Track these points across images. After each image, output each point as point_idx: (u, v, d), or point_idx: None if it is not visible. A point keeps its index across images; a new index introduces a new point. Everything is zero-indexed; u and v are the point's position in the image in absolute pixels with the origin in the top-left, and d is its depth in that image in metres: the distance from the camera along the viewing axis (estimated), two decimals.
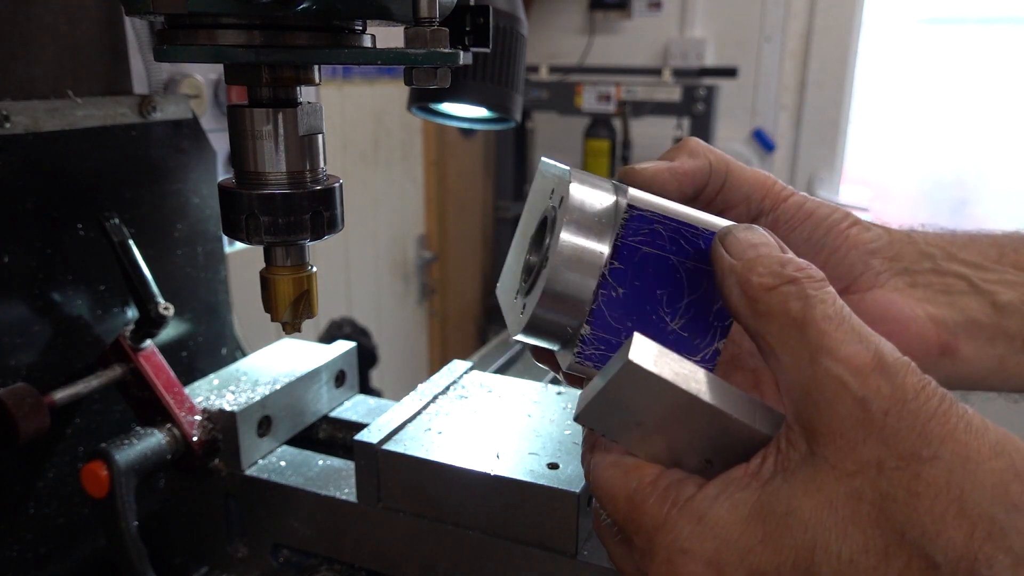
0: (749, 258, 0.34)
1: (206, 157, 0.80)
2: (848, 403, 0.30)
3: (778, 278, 0.33)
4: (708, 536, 0.32)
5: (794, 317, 0.32)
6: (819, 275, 0.33)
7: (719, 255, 0.36)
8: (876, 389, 0.30)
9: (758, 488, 0.32)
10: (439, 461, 0.57)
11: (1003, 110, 2.57)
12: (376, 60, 0.51)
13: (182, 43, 0.48)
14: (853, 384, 0.30)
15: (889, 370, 0.30)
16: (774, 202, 0.45)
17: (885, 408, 0.29)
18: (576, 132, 2.84)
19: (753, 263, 0.34)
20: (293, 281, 0.58)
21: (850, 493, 0.30)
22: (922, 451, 0.29)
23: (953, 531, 0.28)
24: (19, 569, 0.66)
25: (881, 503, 0.29)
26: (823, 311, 0.32)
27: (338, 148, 2.25)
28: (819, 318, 0.31)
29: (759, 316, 0.33)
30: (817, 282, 0.33)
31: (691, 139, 0.46)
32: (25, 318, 0.64)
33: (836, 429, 0.30)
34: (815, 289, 0.32)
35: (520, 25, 0.71)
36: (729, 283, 0.35)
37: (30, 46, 0.65)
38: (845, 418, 0.30)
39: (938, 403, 0.30)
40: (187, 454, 0.65)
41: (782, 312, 0.32)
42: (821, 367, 0.31)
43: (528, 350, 0.46)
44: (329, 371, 0.75)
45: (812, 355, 0.31)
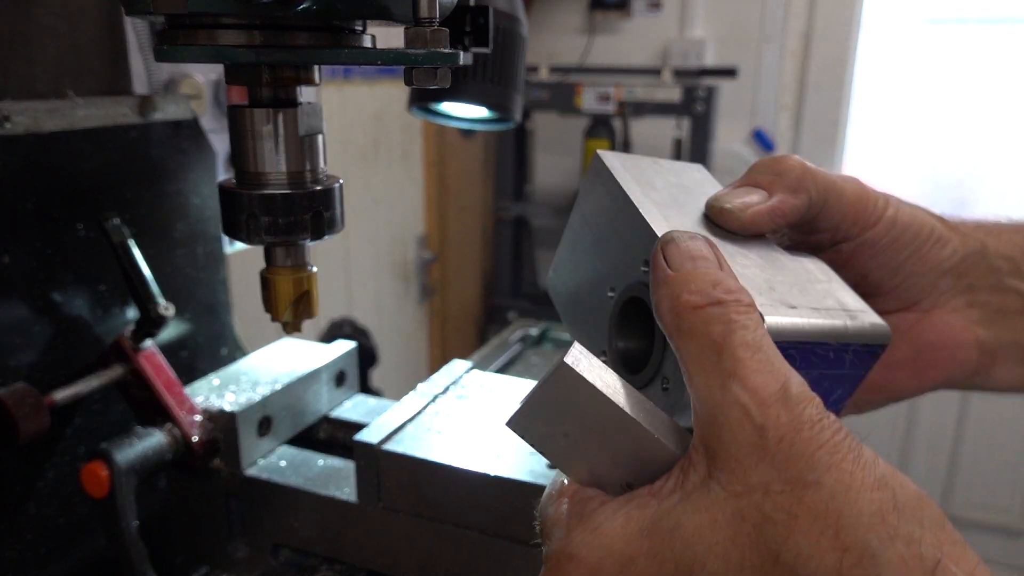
0: (685, 271, 0.35)
1: (206, 157, 0.80)
2: (747, 429, 0.31)
3: (706, 298, 0.33)
4: (595, 545, 0.33)
5: (714, 340, 0.33)
6: (747, 300, 0.34)
7: (658, 262, 0.36)
8: (775, 418, 0.30)
9: (655, 505, 0.33)
10: (439, 461, 0.57)
11: (1004, 110, 2.57)
12: (376, 60, 0.51)
13: (182, 43, 0.48)
14: (755, 412, 0.31)
15: (791, 401, 0.31)
16: (862, 229, 0.45)
17: (780, 435, 0.30)
18: (576, 132, 2.83)
19: (687, 279, 0.34)
20: (293, 281, 0.58)
21: (735, 513, 0.30)
22: (807, 476, 0.29)
23: (826, 555, 0.29)
24: (19, 569, 0.66)
25: (761, 524, 0.30)
26: (742, 338, 0.32)
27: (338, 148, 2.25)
28: (737, 345, 0.32)
29: (682, 333, 0.34)
30: (744, 307, 0.33)
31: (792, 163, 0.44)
32: (25, 318, 0.64)
33: (733, 453, 0.31)
34: (739, 314, 0.33)
35: (520, 25, 0.71)
36: (661, 293, 0.35)
37: (30, 46, 0.65)
38: (743, 444, 0.31)
39: (831, 435, 0.30)
40: (187, 454, 0.65)
41: (703, 334, 0.33)
42: (729, 393, 0.31)
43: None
44: (329, 371, 0.75)
45: (723, 380, 0.32)
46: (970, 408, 2.60)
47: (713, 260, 0.36)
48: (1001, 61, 2.57)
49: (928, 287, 0.46)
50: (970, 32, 2.62)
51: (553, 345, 1.15)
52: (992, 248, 0.47)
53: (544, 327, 1.17)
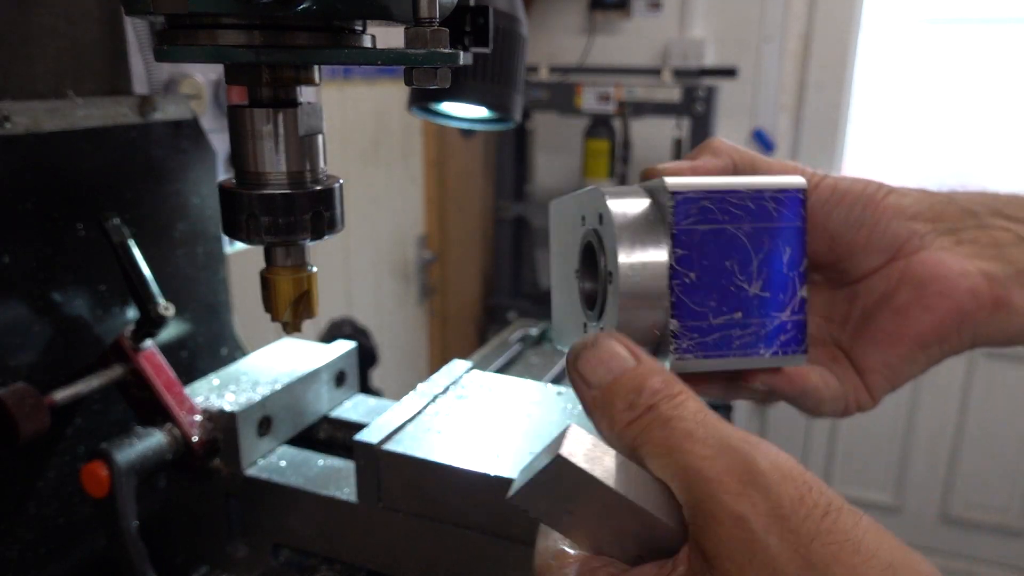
0: (606, 388, 0.34)
1: (206, 157, 0.80)
2: (728, 523, 0.29)
3: (637, 409, 0.33)
4: None
5: (660, 445, 0.32)
6: (676, 390, 0.33)
7: (579, 387, 0.35)
8: (752, 505, 0.29)
9: None
10: (439, 461, 0.57)
11: (1004, 110, 2.57)
12: (376, 60, 0.51)
13: (182, 43, 0.48)
14: (728, 503, 0.29)
15: (761, 481, 0.29)
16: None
17: (765, 526, 0.29)
18: (576, 132, 2.83)
19: (611, 396, 0.34)
20: (293, 281, 0.58)
21: None
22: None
23: None
24: (19, 569, 0.66)
25: None
26: (684, 429, 0.31)
27: (338, 148, 2.25)
28: (681, 438, 0.31)
29: (633, 450, 0.33)
30: (675, 398, 0.33)
31: (715, 139, 0.47)
32: (25, 318, 0.64)
33: (723, 552, 0.30)
34: (673, 408, 0.32)
35: (520, 25, 0.71)
36: (596, 418, 0.35)
37: (30, 46, 0.65)
38: (728, 539, 0.29)
39: (820, 518, 0.29)
40: (187, 454, 0.65)
41: (649, 443, 0.32)
42: (697, 490, 0.30)
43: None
44: (329, 371, 0.75)
45: (687, 479, 0.31)
46: (970, 408, 2.60)
47: (626, 355, 0.35)
48: (1001, 61, 2.57)
49: (903, 231, 0.45)
50: (970, 32, 2.62)
51: (553, 345, 1.15)
52: (961, 198, 0.46)
53: (544, 327, 1.17)
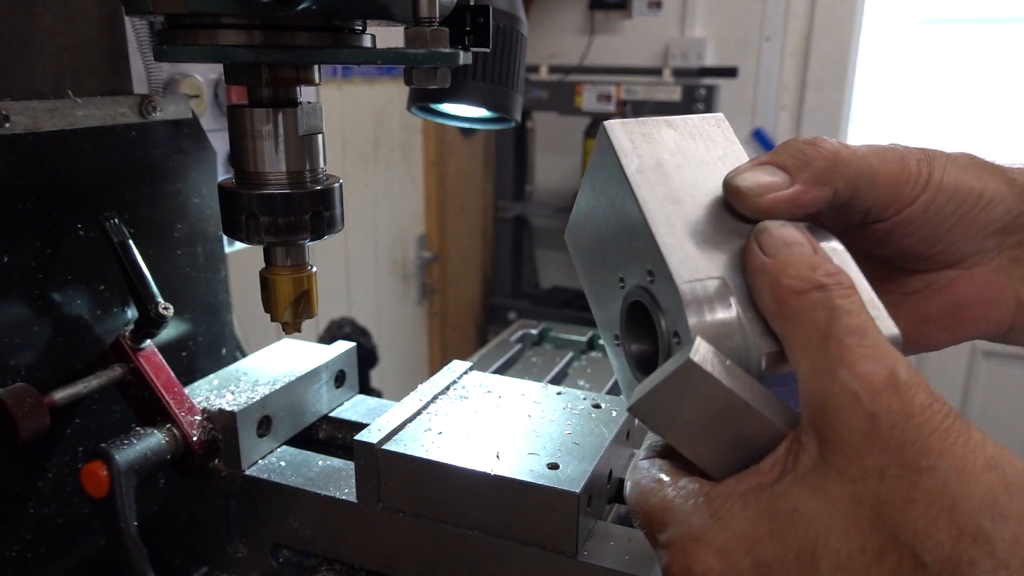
0: (782, 257, 0.35)
1: (206, 157, 0.80)
2: (859, 416, 0.32)
3: (807, 283, 0.34)
4: (719, 528, 0.35)
5: (819, 327, 0.33)
6: (848, 282, 0.34)
7: (752, 251, 0.37)
8: (886, 405, 0.31)
9: (768, 487, 0.34)
10: (439, 461, 0.57)
11: (1004, 110, 2.57)
12: (376, 60, 0.51)
13: (182, 43, 0.48)
14: (866, 399, 0.31)
15: (901, 388, 0.32)
16: (897, 210, 0.43)
17: (892, 422, 0.31)
18: (576, 132, 2.84)
19: (785, 264, 0.35)
20: (293, 281, 0.58)
21: (852, 496, 0.32)
22: (921, 461, 0.31)
23: (942, 535, 0.30)
24: (19, 569, 0.66)
25: (879, 507, 0.31)
26: (847, 324, 0.33)
27: (338, 148, 2.25)
28: (842, 331, 0.33)
29: (786, 319, 0.34)
30: (845, 290, 0.34)
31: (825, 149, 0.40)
32: (25, 318, 0.64)
33: (846, 439, 0.32)
34: (842, 298, 0.33)
35: (520, 25, 0.71)
36: (760, 281, 0.36)
37: (30, 46, 0.65)
38: (855, 430, 0.32)
39: (941, 420, 0.31)
40: (187, 454, 0.65)
41: (808, 320, 0.34)
42: (838, 380, 0.32)
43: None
44: (329, 371, 0.75)
45: (831, 367, 0.32)
46: (970, 409, 2.60)
47: (807, 245, 0.36)
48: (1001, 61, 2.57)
49: (973, 249, 0.45)
50: (970, 32, 2.62)
51: (553, 345, 1.15)
52: None
53: (544, 327, 1.16)
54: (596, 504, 0.58)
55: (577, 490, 0.53)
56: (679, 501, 0.36)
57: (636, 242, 0.41)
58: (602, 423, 0.63)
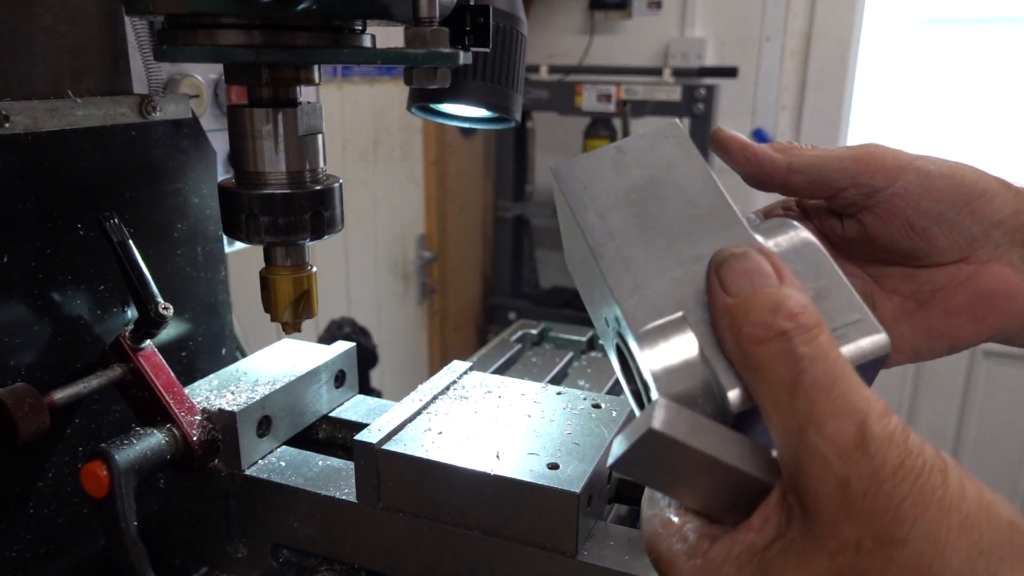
0: (743, 297, 0.34)
1: (206, 157, 0.80)
2: (831, 483, 0.31)
3: (768, 330, 0.32)
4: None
5: (784, 381, 0.32)
6: (813, 322, 0.32)
7: (713, 289, 0.35)
8: (857, 469, 0.30)
9: (760, 552, 0.33)
10: (439, 461, 0.57)
11: (1004, 110, 2.57)
12: (376, 60, 0.51)
13: (182, 43, 0.49)
14: (836, 463, 0.30)
15: (871, 447, 0.30)
16: (888, 178, 0.45)
17: (864, 488, 0.30)
18: (576, 132, 2.83)
19: (746, 307, 0.33)
20: (293, 281, 0.58)
21: (832, 570, 0.31)
22: (894, 533, 0.30)
23: None
24: (19, 569, 0.66)
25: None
26: (812, 376, 0.31)
27: (338, 148, 2.25)
28: (808, 385, 0.31)
29: (750, 370, 0.33)
30: (809, 333, 0.32)
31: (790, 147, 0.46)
32: (25, 318, 0.64)
33: (822, 507, 0.31)
34: (806, 345, 0.32)
35: (520, 25, 0.71)
36: (723, 324, 0.34)
37: (30, 46, 0.65)
38: (829, 498, 0.31)
39: (913, 481, 0.30)
40: (187, 454, 0.65)
41: (772, 373, 0.32)
42: (808, 442, 0.31)
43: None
44: (329, 371, 0.75)
45: (801, 427, 0.31)
46: (970, 409, 2.60)
47: (771, 274, 0.34)
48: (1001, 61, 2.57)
49: (980, 237, 0.46)
50: (970, 32, 2.62)
51: (553, 345, 1.15)
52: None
53: (544, 327, 1.16)
54: (596, 504, 0.58)
55: (577, 490, 0.53)
56: (682, 558, 0.36)
57: (602, 289, 0.40)
58: (602, 423, 0.63)
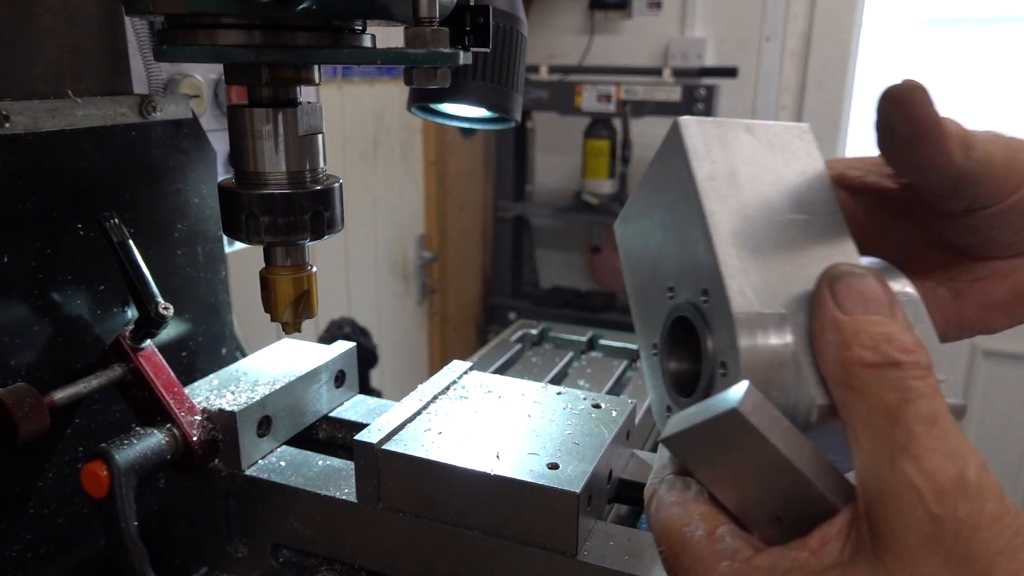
0: (856, 317, 0.32)
1: (206, 157, 0.80)
2: (921, 517, 0.29)
3: (881, 356, 0.31)
4: None
5: (887, 407, 0.30)
6: (925, 361, 0.31)
7: (824, 300, 0.33)
8: (952, 510, 0.29)
9: (813, 574, 0.31)
10: (439, 461, 0.57)
11: (1004, 110, 2.57)
12: (376, 60, 0.51)
13: (182, 43, 0.48)
14: (930, 499, 0.29)
15: (971, 492, 0.29)
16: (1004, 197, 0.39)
17: (957, 531, 0.29)
18: (576, 132, 2.83)
19: (858, 328, 0.32)
20: (293, 281, 0.58)
21: None
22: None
23: None
24: (19, 569, 0.66)
25: None
26: (918, 410, 0.30)
27: (338, 148, 2.25)
28: (912, 416, 0.30)
29: (850, 390, 0.31)
30: (921, 371, 0.31)
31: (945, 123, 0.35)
32: (25, 318, 0.64)
33: (902, 539, 0.29)
34: (917, 380, 0.30)
35: (520, 25, 0.71)
36: (827, 339, 0.33)
37: (30, 46, 0.65)
38: (914, 531, 0.29)
39: (1011, 536, 0.29)
40: (187, 454, 0.65)
41: (875, 397, 0.30)
42: (901, 471, 0.29)
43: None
44: (329, 371, 0.75)
45: (895, 455, 0.30)
46: (970, 409, 2.60)
47: (886, 304, 0.33)
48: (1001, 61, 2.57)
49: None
50: (970, 32, 2.62)
51: (553, 345, 1.15)
52: None
53: (544, 327, 1.16)
54: (596, 504, 0.58)
55: (577, 490, 0.53)
56: (712, 557, 0.33)
57: (694, 255, 0.37)
58: (602, 423, 0.63)
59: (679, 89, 2.50)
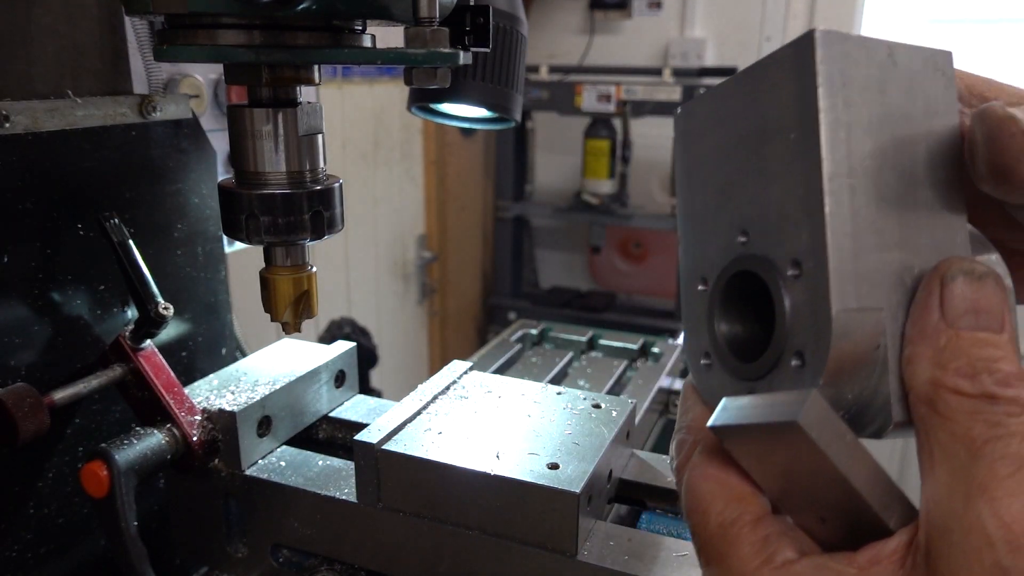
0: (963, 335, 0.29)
1: (206, 157, 0.80)
2: (987, 564, 0.27)
3: (978, 387, 0.29)
4: None
5: (971, 439, 0.28)
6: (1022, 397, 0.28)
7: (931, 301, 0.30)
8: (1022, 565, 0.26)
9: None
10: (439, 461, 0.57)
11: None
12: (376, 60, 0.51)
13: (182, 43, 0.48)
14: (1001, 548, 0.26)
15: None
16: None
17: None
18: (576, 132, 2.83)
19: (959, 348, 0.29)
20: (293, 281, 0.58)
21: None
22: None
23: None
24: (19, 569, 0.66)
25: None
26: (1006, 449, 0.27)
27: (338, 148, 2.25)
28: (998, 457, 0.27)
29: (935, 412, 0.29)
30: (1019, 407, 0.28)
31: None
32: (25, 318, 0.64)
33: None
34: (1012, 416, 0.28)
35: (520, 25, 0.71)
36: (921, 351, 0.30)
37: (30, 46, 0.65)
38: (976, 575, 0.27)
39: None
40: (187, 454, 0.65)
41: (962, 426, 0.28)
42: (974, 511, 0.27)
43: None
44: (329, 371, 0.75)
45: (970, 491, 0.27)
46: None
47: (998, 318, 0.30)
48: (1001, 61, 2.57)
49: None
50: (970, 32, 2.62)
51: (553, 345, 1.14)
52: None
53: (544, 327, 1.16)
54: (596, 504, 0.58)
55: (577, 490, 0.53)
56: (749, 556, 0.31)
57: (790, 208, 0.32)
58: (602, 423, 0.63)
59: (679, 89, 2.50)
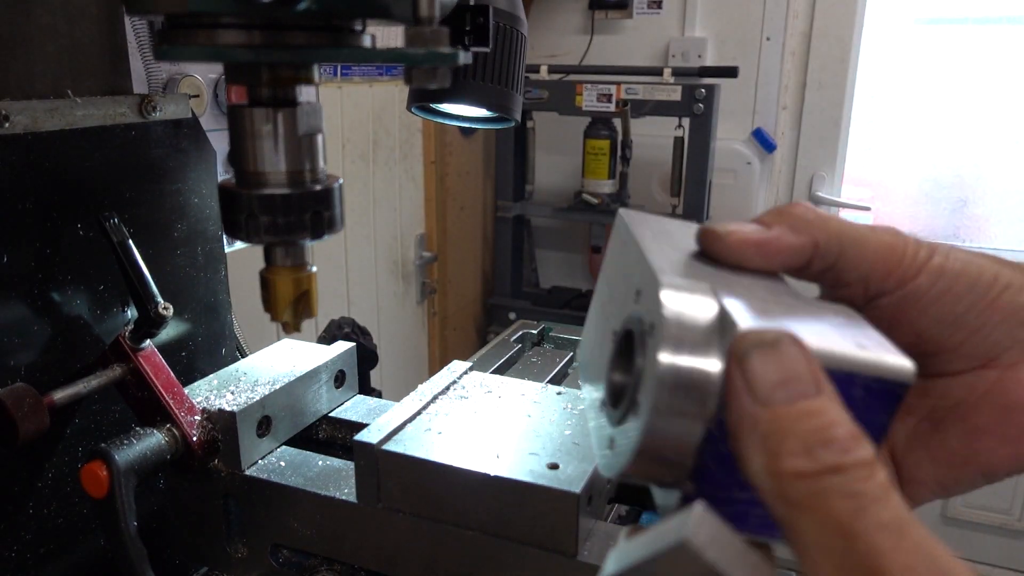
0: (779, 414, 0.27)
1: (206, 157, 0.80)
2: None
3: (817, 463, 0.26)
4: None
5: (838, 520, 0.25)
6: (868, 456, 0.26)
7: (738, 388, 0.28)
8: None
9: None
10: (439, 461, 0.57)
11: (1002, 110, 2.57)
12: (376, 60, 0.51)
13: (182, 43, 0.48)
14: None
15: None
16: (900, 280, 0.36)
17: None
18: (576, 132, 2.83)
19: (783, 429, 0.26)
20: (293, 281, 0.58)
21: None
22: None
23: None
24: (19, 569, 0.66)
25: None
26: (877, 518, 0.25)
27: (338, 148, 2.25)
28: (873, 529, 0.25)
29: (790, 506, 0.26)
30: (866, 468, 0.26)
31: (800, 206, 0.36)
32: (25, 318, 0.64)
33: None
34: (865, 481, 0.25)
35: (520, 25, 0.71)
36: (749, 442, 0.27)
37: (30, 46, 0.65)
38: None
39: None
40: (187, 454, 0.65)
41: (823, 511, 0.25)
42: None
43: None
44: (329, 371, 0.75)
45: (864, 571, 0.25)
46: None
47: (809, 380, 0.27)
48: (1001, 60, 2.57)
49: (1006, 339, 0.38)
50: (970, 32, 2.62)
51: (553, 345, 1.14)
52: None
53: (544, 327, 1.16)
54: (596, 504, 0.58)
55: (577, 490, 0.53)
56: None
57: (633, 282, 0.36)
58: None
59: (679, 89, 2.50)
